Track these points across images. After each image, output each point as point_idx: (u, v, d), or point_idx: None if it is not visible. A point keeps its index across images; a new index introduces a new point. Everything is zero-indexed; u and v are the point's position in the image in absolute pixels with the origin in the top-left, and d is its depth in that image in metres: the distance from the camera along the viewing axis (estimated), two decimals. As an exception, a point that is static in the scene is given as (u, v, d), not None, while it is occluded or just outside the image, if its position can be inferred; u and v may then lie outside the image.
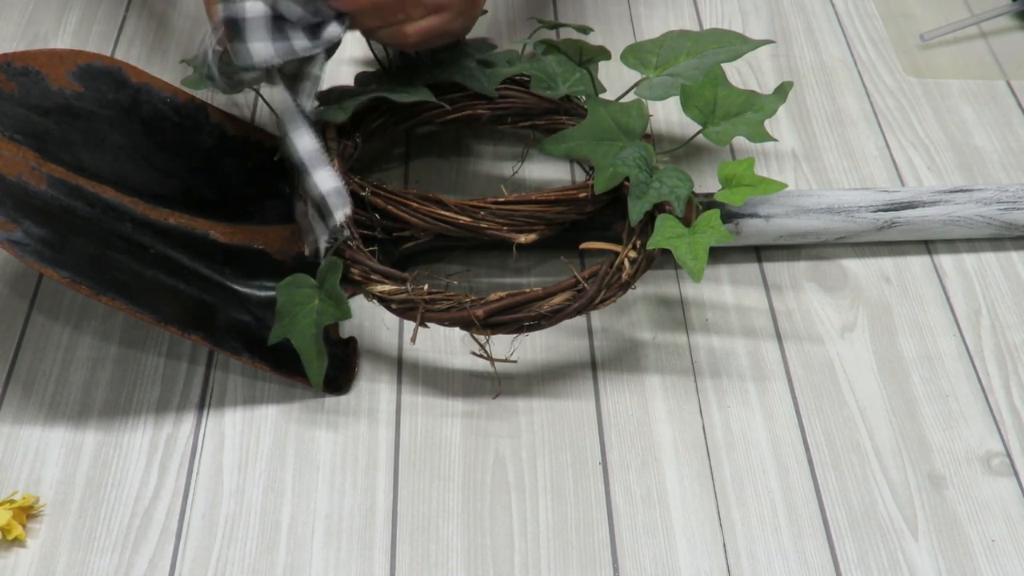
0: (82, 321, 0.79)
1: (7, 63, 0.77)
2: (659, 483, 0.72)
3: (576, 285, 0.73)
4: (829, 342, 0.80)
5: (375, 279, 0.74)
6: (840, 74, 1.01)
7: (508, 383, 0.77)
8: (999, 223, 0.85)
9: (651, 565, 0.68)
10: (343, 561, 0.68)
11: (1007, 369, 0.79)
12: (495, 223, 0.77)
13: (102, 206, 0.76)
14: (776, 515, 0.71)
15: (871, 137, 0.95)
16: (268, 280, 0.79)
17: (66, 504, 0.70)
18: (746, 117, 0.81)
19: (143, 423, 0.74)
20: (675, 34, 0.84)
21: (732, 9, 1.07)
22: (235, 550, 0.68)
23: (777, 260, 0.85)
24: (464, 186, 0.89)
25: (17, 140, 0.74)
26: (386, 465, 0.73)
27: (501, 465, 0.73)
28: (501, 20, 1.03)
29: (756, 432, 0.75)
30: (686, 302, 0.82)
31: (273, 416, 0.75)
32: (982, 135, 0.96)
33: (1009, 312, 0.83)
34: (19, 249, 0.67)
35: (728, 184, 0.77)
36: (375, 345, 0.79)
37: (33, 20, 1.02)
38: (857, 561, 0.69)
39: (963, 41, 1.05)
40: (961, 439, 0.75)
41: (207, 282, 0.78)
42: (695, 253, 0.72)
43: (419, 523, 0.70)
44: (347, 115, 0.79)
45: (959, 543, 0.70)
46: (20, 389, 0.76)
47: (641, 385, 0.77)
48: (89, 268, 0.70)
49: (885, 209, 0.84)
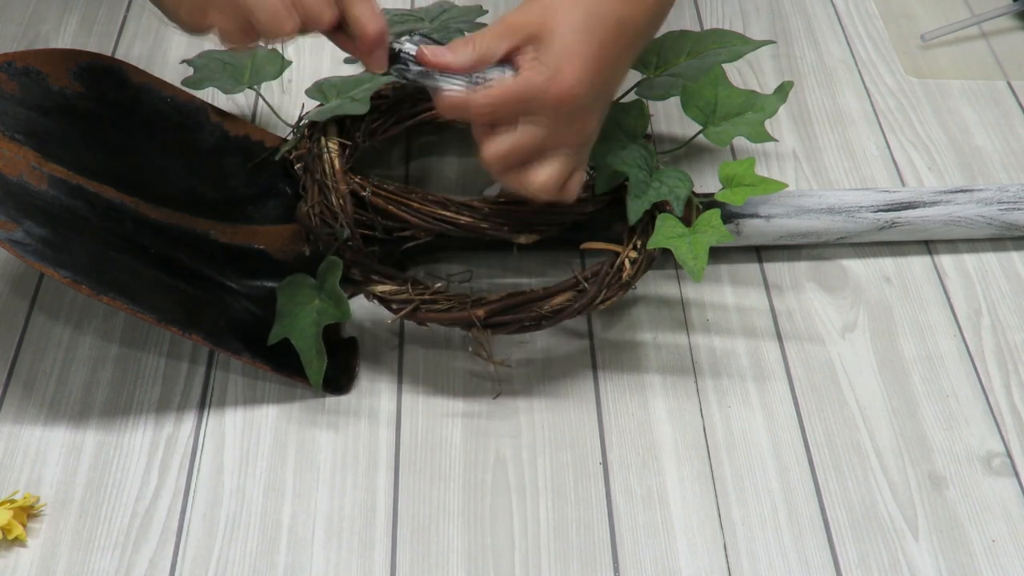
0: (83, 321, 0.79)
1: (8, 63, 0.77)
2: (659, 483, 0.72)
3: (576, 285, 0.73)
4: (829, 342, 0.80)
5: (375, 279, 0.74)
6: (841, 74, 1.01)
7: (508, 383, 0.77)
8: (1000, 223, 0.85)
9: (651, 565, 0.68)
10: (343, 561, 0.68)
11: (1007, 369, 0.79)
12: (495, 223, 0.77)
13: (103, 206, 0.76)
14: (776, 515, 0.71)
15: (871, 137, 0.95)
16: (268, 280, 0.79)
17: (66, 504, 0.70)
18: (746, 117, 0.81)
19: (143, 423, 0.74)
20: (675, 34, 0.84)
21: (732, 9, 1.07)
22: (235, 550, 0.68)
23: (777, 260, 0.85)
24: (464, 186, 0.89)
25: (18, 140, 0.74)
26: (386, 465, 0.73)
27: (501, 465, 0.73)
28: (502, 20, 1.03)
29: (756, 432, 0.75)
30: (686, 302, 0.82)
31: (273, 416, 0.75)
32: (983, 135, 0.96)
33: (1010, 312, 0.83)
34: (20, 249, 0.67)
35: (728, 184, 0.77)
36: (375, 345, 0.79)
37: (34, 20, 1.02)
38: (857, 561, 0.69)
39: (964, 41, 1.05)
40: (961, 439, 0.75)
41: (207, 282, 0.78)
42: (695, 253, 0.72)
43: (419, 523, 0.70)
44: (367, 107, 0.79)
45: (959, 543, 0.70)
46: (20, 389, 0.76)
47: (641, 385, 0.77)
48: (90, 268, 0.70)
49: (885, 209, 0.84)
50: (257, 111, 0.93)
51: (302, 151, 0.81)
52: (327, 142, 0.79)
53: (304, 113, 0.84)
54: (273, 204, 0.84)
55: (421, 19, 0.92)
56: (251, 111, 0.93)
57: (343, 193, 0.77)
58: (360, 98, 0.80)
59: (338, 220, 0.76)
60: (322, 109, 0.81)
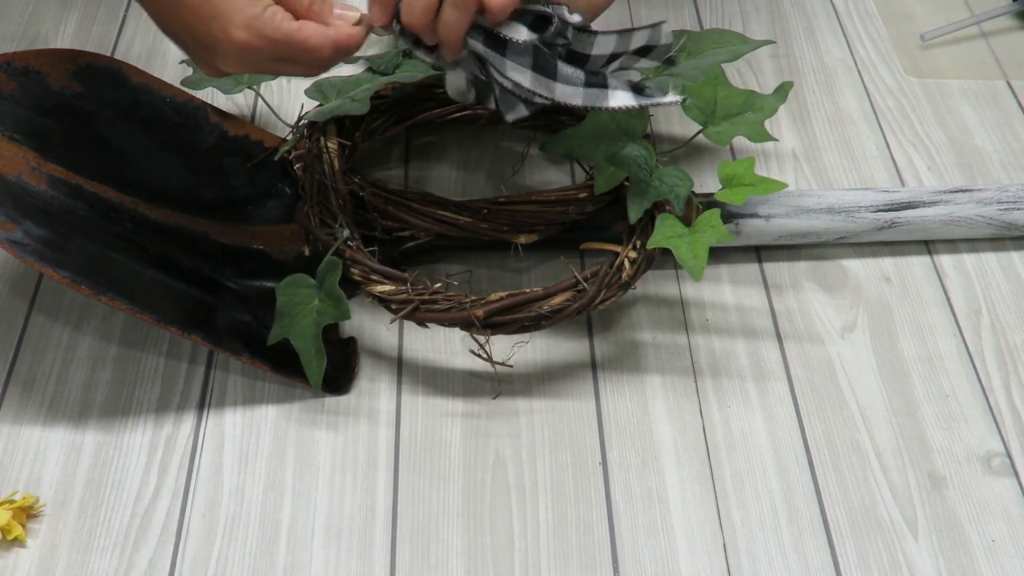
0: (82, 321, 0.79)
1: (8, 63, 0.77)
2: (659, 483, 0.72)
3: (576, 285, 0.73)
4: (829, 342, 0.80)
5: (375, 279, 0.74)
6: (840, 74, 1.01)
7: (508, 383, 0.77)
8: (999, 223, 0.85)
9: (651, 565, 0.68)
10: (343, 561, 0.68)
11: (1007, 369, 0.79)
12: (495, 223, 0.77)
13: (102, 206, 0.76)
14: (776, 515, 0.71)
15: (871, 137, 0.95)
16: (268, 280, 0.79)
17: (66, 504, 0.70)
18: (746, 117, 0.81)
19: (143, 423, 0.74)
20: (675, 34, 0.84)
21: (732, 9, 1.07)
22: (235, 550, 0.68)
23: (777, 260, 0.85)
24: (464, 186, 0.89)
25: (17, 140, 0.74)
26: (386, 465, 0.73)
27: (501, 465, 0.73)
28: (501, 20, 1.03)
29: (756, 432, 0.75)
30: (686, 302, 0.82)
31: (273, 416, 0.75)
32: (982, 135, 0.96)
33: (1009, 312, 0.83)
34: (19, 249, 0.67)
35: (728, 184, 0.77)
36: (375, 345, 0.79)
37: (33, 20, 1.02)
38: (857, 561, 0.69)
39: (963, 41, 1.05)
40: (961, 439, 0.75)
41: (207, 282, 0.78)
42: (695, 252, 0.72)
43: (419, 523, 0.70)
44: (366, 107, 0.79)
45: (959, 543, 0.70)
46: (20, 389, 0.76)
47: (641, 385, 0.77)
48: (89, 268, 0.70)
49: (885, 209, 0.84)
50: (256, 111, 0.93)
51: (301, 151, 0.81)
52: (326, 142, 0.79)
53: (303, 113, 0.84)
54: (273, 204, 0.84)
55: None
56: (250, 111, 0.93)
57: (343, 193, 0.77)
58: (360, 98, 0.80)
59: (338, 220, 0.76)
60: (321, 109, 0.81)
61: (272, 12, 0.64)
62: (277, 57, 0.65)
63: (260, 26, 0.63)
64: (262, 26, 0.63)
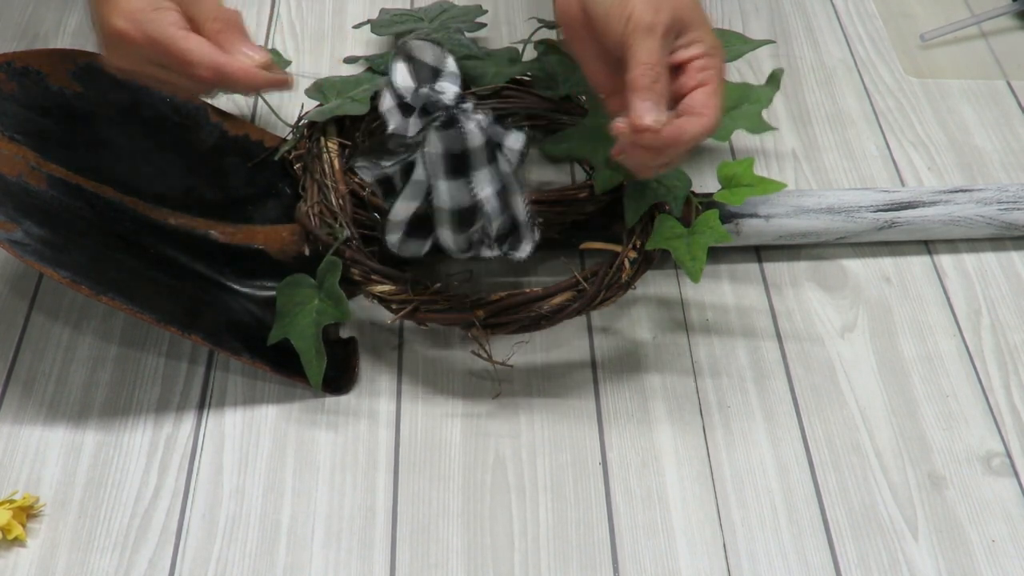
0: (82, 321, 0.79)
1: (7, 63, 0.77)
2: (659, 483, 0.72)
3: (576, 285, 0.73)
4: (829, 342, 0.80)
5: (375, 279, 0.74)
6: (840, 74, 1.01)
7: (508, 383, 0.77)
8: (999, 223, 0.85)
9: (651, 565, 0.68)
10: (343, 561, 0.68)
11: (1007, 369, 0.79)
12: (495, 223, 0.76)
13: (102, 206, 0.76)
14: (776, 515, 0.71)
15: (871, 137, 0.95)
16: (268, 280, 0.79)
17: (66, 504, 0.70)
18: (743, 110, 0.81)
19: (143, 423, 0.74)
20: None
21: (732, 9, 1.07)
22: (235, 550, 0.68)
23: (777, 260, 0.85)
24: (464, 186, 0.89)
25: (17, 140, 0.74)
26: (386, 465, 0.73)
27: (501, 465, 0.73)
28: (501, 20, 1.03)
29: (756, 432, 0.75)
30: (686, 302, 0.82)
31: (273, 416, 0.75)
32: (982, 135, 0.96)
33: (1009, 312, 0.83)
34: (19, 249, 0.67)
35: (728, 184, 0.77)
36: (375, 345, 0.79)
37: (33, 20, 1.02)
38: (857, 561, 0.69)
39: (963, 41, 1.05)
40: (961, 439, 0.75)
41: (207, 282, 0.78)
42: (694, 253, 0.72)
43: (419, 523, 0.70)
44: (366, 107, 0.79)
45: (959, 543, 0.70)
46: (20, 389, 0.76)
47: (641, 385, 0.77)
48: (89, 268, 0.70)
49: (885, 209, 0.84)
50: (256, 111, 0.93)
51: (301, 151, 0.81)
52: (326, 142, 0.79)
53: (303, 113, 0.84)
54: (272, 204, 0.84)
55: (421, 19, 0.92)
56: (250, 111, 0.93)
57: (343, 193, 0.77)
58: (360, 98, 0.80)
59: (338, 220, 0.76)
60: (321, 109, 0.81)
61: (164, 15, 0.62)
62: (155, 60, 0.63)
63: (144, 21, 0.62)
64: (146, 22, 0.62)
